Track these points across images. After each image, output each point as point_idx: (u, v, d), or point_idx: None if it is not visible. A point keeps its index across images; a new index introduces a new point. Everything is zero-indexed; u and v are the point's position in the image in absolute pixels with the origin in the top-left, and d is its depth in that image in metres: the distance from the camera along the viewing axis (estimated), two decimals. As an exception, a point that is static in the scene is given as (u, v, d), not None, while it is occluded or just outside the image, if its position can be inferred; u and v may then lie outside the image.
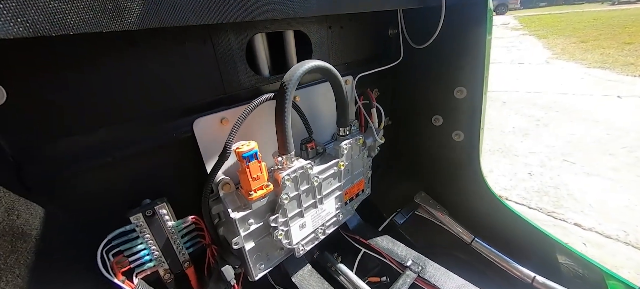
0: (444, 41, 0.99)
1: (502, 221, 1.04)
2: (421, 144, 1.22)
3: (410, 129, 1.24)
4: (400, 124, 1.25)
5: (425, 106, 1.15)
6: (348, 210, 0.99)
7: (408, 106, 1.21)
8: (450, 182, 1.16)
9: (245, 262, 0.74)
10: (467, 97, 1.03)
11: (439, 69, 1.06)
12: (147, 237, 0.63)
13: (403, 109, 1.22)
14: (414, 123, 1.21)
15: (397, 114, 1.24)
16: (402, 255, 0.95)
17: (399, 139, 1.29)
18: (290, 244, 0.81)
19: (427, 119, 1.16)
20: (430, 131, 1.16)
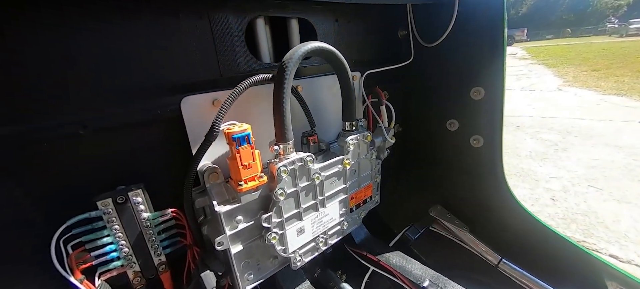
0: (458, 38, 0.93)
1: (536, 239, 0.90)
2: (435, 152, 1.12)
3: (422, 136, 1.14)
4: (412, 131, 1.16)
5: (439, 110, 1.06)
6: (354, 219, 0.87)
7: (420, 110, 1.12)
8: (470, 194, 1.04)
9: (231, 269, 0.63)
10: (485, 98, 0.94)
11: (453, 69, 0.98)
12: (115, 228, 0.53)
13: (415, 114, 1.14)
14: (427, 129, 1.12)
15: (408, 120, 1.16)
16: (417, 274, 0.81)
17: (410, 147, 1.19)
18: (286, 252, 0.69)
19: (441, 124, 1.07)
20: (445, 137, 1.06)
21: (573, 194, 2.63)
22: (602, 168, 3.05)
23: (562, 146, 3.73)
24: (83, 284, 0.51)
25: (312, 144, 0.75)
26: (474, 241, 1.00)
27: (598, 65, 8.03)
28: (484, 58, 0.90)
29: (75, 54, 0.48)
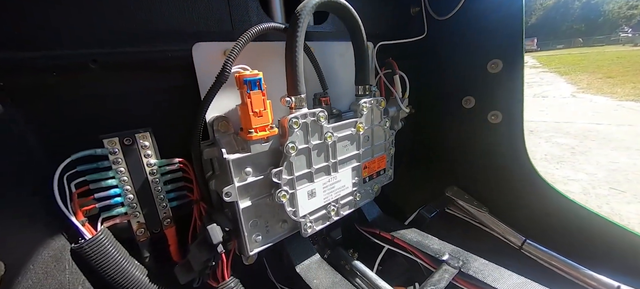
0: (473, 7, 0.90)
1: (564, 217, 0.83)
2: (451, 132, 1.07)
3: (437, 116, 1.10)
4: (426, 112, 1.12)
5: (454, 87, 1.02)
6: (367, 191, 0.83)
7: (434, 89, 1.09)
8: (489, 173, 0.98)
9: (239, 228, 0.60)
10: (503, 70, 0.90)
11: (469, 41, 0.95)
12: (121, 171, 0.51)
13: (428, 93, 1.10)
14: (441, 109, 1.08)
15: (421, 100, 1.12)
16: (436, 248, 0.75)
17: (424, 128, 1.15)
18: (296, 216, 0.65)
19: (456, 102, 1.02)
20: (461, 115, 1.02)
21: (594, 197, 2.51)
22: (623, 171, 2.91)
23: (580, 149, 3.59)
24: (85, 227, 0.49)
25: (324, 105, 0.72)
26: (495, 221, 0.93)
27: (613, 73, 7.84)
28: (501, 27, 0.87)
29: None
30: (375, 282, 0.75)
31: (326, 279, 0.68)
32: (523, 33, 0.84)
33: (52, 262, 0.42)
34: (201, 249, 0.56)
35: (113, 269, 0.49)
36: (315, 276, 0.70)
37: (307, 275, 0.70)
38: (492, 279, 0.63)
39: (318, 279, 0.68)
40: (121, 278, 0.50)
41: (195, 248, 0.56)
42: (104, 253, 0.48)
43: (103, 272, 0.49)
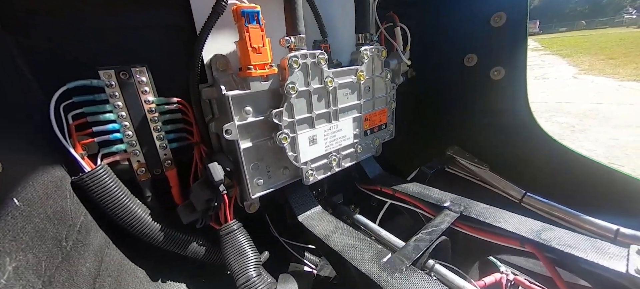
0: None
1: (564, 168, 0.83)
2: (452, 93, 1.06)
3: (438, 78, 1.09)
4: (426, 73, 1.10)
5: (456, 45, 1.00)
6: (368, 145, 0.83)
7: (434, 50, 1.07)
8: (491, 131, 0.98)
9: (241, 170, 0.59)
10: (507, 23, 0.88)
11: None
12: (118, 106, 0.50)
13: (429, 55, 1.08)
14: (442, 70, 1.06)
15: (422, 62, 1.10)
16: (437, 197, 0.75)
17: (425, 91, 1.13)
18: (297, 161, 0.65)
19: (458, 61, 1.01)
20: (462, 74, 1.01)
21: (593, 170, 2.51)
22: (622, 147, 2.92)
23: (580, 127, 3.59)
24: (84, 160, 0.48)
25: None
26: (495, 177, 0.94)
27: (615, 54, 7.74)
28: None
29: None
30: (378, 232, 0.75)
31: (329, 225, 0.69)
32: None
33: (52, 186, 0.42)
34: (203, 188, 0.56)
35: (115, 204, 0.49)
36: (317, 223, 0.70)
37: (310, 223, 0.70)
38: (493, 220, 0.64)
39: (320, 226, 0.69)
40: (124, 214, 0.50)
41: (196, 186, 0.56)
42: (105, 187, 0.48)
43: (105, 206, 0.49)
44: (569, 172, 0.83)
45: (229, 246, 0.58)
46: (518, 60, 0.88)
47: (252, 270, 0.57)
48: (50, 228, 0.38)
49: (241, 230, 0.61)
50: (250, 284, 0.55)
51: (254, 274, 0.56)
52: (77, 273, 0.40)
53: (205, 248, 0.61)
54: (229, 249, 0.58)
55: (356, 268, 0.55)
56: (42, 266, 0.34)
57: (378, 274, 0.52)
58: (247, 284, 0.55)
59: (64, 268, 0.37)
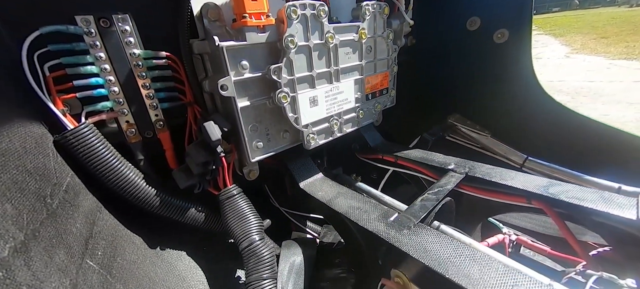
0: None
1: (566, 130, 0.83)
2: (453, 58, 1.03)
3: (439, 45, 1.05)
4: (427, 41, 1.06)
5: (457, 8, 0.96)
6: (369, 110, 0.80)
7: (436, 14, 1.02)
8: (493, 97, 0.96)
9: (238, 132, 0.56)
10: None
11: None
12: (100, 58, 0.46)
13: (430, 20, 1.04)
14: (444, 36, 1.03)
15: (423, 29, 1.06)
16: (441, 161, 0.74)
17: (426, 59, 1.10)
18: (298, 124, 0.62)
19: (461, 25, 0.97)
20: (465, 39, 0.97)
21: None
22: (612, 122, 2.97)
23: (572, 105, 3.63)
24: (66, 117, 0.44)
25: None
26: (497, 144, 0.93)
27: (607, 33, 7.78)
28: None
29: None
30: (381, 198, 0.74)
31: (331, 190, 0.67)
32: None
33: (31, 142, 0.38)
34: (199, 149, 0.52)
35: (103, 165, 0.45)
36: (320, 189, 0.68)
37: (312, 190, 0.68)
38: (500, 178, 0.62)
39: (323, 191, 0.67)
40: (114, 177, 0.47)
41: (192, 148, 0.52)
42: (91, 147, 0.44)
43: (93, 168, 0.45)
44: (572, 135, 0.82)
45: (230, 211, 0.56)
46: (523, 21, 0.85)
47: (255, 234, 0.54)
48: (31, 182, 0.34)
49: (241, 195, 0.58)
50: (254, 248, 0.53)
51: (257, 238, 0.54)
52: (66, 231, 0.36)
53: (204, 214, 0.58)
54: (230, 214, 0.56)
55: (363, 227, 0.53)
56: (24, 219, 0.30)
57: (386, 232, 0.51)
58: (250, 247, 0.53)
59: (50, 225, 0.34)
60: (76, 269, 0.34)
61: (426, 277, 0.45)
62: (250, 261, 0.52)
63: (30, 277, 0.27)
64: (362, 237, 0.57)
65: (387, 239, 0.49)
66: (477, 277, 0.39)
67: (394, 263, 0.49)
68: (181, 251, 0.59)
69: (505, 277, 0.39)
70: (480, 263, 0.42)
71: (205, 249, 0.64)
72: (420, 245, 0.46)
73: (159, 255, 0.54)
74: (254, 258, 0.52)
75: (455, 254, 0.44)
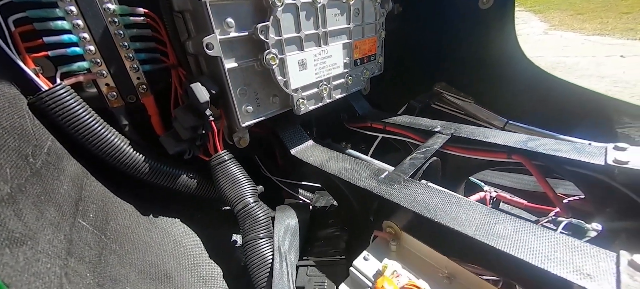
0: None
1: (544, 93, 0.87)
2: (438, 26, 1.03)
3: (426, 12, 1.05)
4: (413, 8, 1.06)
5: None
6: (358, 77, 0.80)
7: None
8: (477, 62, 0.98)
9: (227, 94, 0.54)
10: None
11: None
12: (71, 12, 0.42)
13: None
14: (430, 2, 1.02)
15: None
16: (427, 124, 0.76)
17: (412, 28, 1.09)
18: (287, 87, 0.61)
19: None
20: (450, 7, 0.98)
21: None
22: (585, 94, 3.13)
23: (549, 78, 3.77)
24: (40, 78, 0.41)
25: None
26: (479, 109, 0.96)
27: (583, 9, 8.01)
28: None
29: None
30: (371, 161, 0.75)
31: (323, 155, 0.68)
32: None
33: (4, 102, 0.35)
34: (186, 113, 0.51)
35: (84, 129, 0.43)
36: (311, 155, 0.69)
37: (303, 155, 0.69)
38: (483, 137, 0.65)
39: (315, 156, 0.67)
40: (97, 142, 0.45)
41: (180, 111, 0.51)
42: (69, 109, 0.42)
43: (74, 132, 0.43)
44: (550, 97, 0.86)
45: (222, 176, 0.56)
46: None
47: (249, 197, 0.55)
48: (9, 139, 0.32)
49: (233, 160, 0.58)
50: (249, 209, 0.53)
51: (251, 200, 0.55)
52: (53, 191, 0.35)
53: (196, 181, 0.58)
54: (222, 179, 0.55)
55: (355, 185, 0.55)
56: (7, 173, 0.29)
57: (378, 188, 0.52)
58: (245, 209, 0.53)
59: (35, 182, 0.33)
60: (69, 227, 0.34)
61: (416, 224, 0.48)
62: (245, 223, 0.53)
63: (22, 227, 0.26)
64: (355, 195, 0.59)
65: (379, 193, 0.51)
66: (463, 219, 0.42)
67: (385, 215, 0.51)
68: (175, 219, 0.59)
69: (488, 217, 0.42)
70: (466, 208, 0.44)
71: (199, 216, 0.64)
72: (410, 196, 0.49)
73: (152, 222, 0.54)
74: (249, 219, 0.53)
75: (442, 202, 0.46)
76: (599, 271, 0.33)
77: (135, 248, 0.45)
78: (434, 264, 0.45)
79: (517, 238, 0.38)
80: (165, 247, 0.51)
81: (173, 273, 0.48)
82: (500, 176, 0.90)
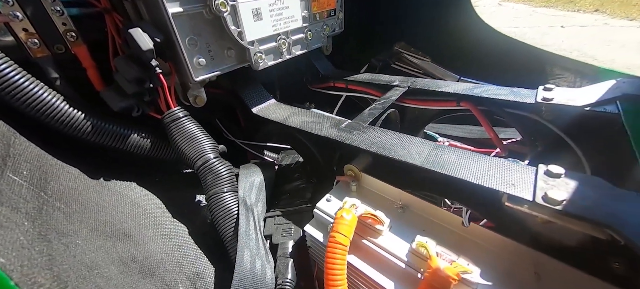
0: None
1: (492, 49, 0.94)
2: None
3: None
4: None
5: None
6: (318, 33, 0.79)
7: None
8: (434, 23, 1.02)
9: (175, 46, 0.50)
10: None
11: None
12: None
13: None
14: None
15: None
16: (386, 79, 0.79)
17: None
18: (242, 38, 0.58)
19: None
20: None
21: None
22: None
23: (501, 47, 4.05)
24: None
25: None
26: (435, 67, 1.01)
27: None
28: None
29: None
30: (333, 117, 0.77)
31: (285, 111, 0.67)
32: None
33: None
34: (128, 62, 0.46)
35: (2, 82, 0.38)
36: (273, 112, 0.68)
37: (266, 113, 0.68)
38: (436, 87, 0.70)
39: (277, 113, 0.67)
40: (17, 93, 0.39)
41: (121, 61, 0.46)
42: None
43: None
44: (498, 54, 0.93)
45: (178, 134, 0.53)
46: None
47: (209, 153, 0.53)
48: None
49: (189, 118, 0.55)
50: (211, 165, 0.52)
51: (212, 156, 0.53)
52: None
53: (150, 141, 0.54)
54: (178, 137, 0.53)
55: (317, 135, 0.56)
56: None
57: (338, 135, 0.54)
58: (206, 165, 0.52)
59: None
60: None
61: (373, 163, 0.51)
62: (207, 178, 0.52)
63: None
64: (317, 146, 0.61)
65: (340, 139, 0.53)
66: (414, 153, 0.46)
67: (346, 160, 0.53)
68: (131, 182, 0.55)
69: (435, 150, 0.46)
70: (417, 145, 0.48)
71: (159, 179, 0.61)
72: (368, 140, 0.51)
73: (104, 185, 0.50)
74: (211, 174, 0.52)
75: (397, 142, 0.49)
76: (521, 181, 0.38)
77: (85, 208, 0.42)
78: (389, 198, 0.49)
79: (459, 163, 0.43)
80: (122, 209, 0.49)
81: (133, 231, 0.46)
82: (453, 128, 0.97)
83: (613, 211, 0.32)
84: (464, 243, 0.41)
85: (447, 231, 0.43)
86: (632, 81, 0.57)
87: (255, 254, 0.48)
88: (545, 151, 0.65)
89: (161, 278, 0.42)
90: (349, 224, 0.40)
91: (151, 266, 0.43)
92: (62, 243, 0.32)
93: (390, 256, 0.40)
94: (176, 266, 0.46)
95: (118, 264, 0.38)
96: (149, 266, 0.42)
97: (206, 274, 0.49)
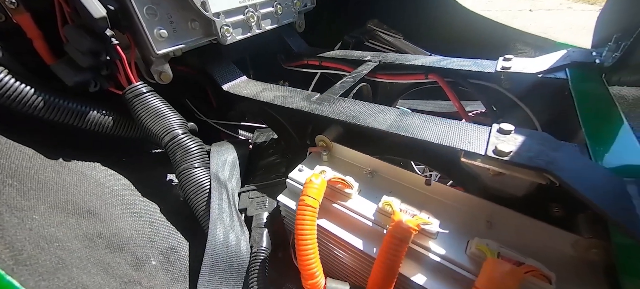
0: None
1: (461, 26, 0.97)
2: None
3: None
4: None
5: None
6: (288, 7, 0.77)
7: None
8: (407, 1, 1.03)
9: (132, 17, 0.48)
10: None
11: None
12: None
13: None
14: None
15: None
16: (358, 55, 0.79)
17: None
18: (206, 9, 0.56)
19: None
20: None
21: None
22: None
23: (474, 30, 4.19)
24: None
25: None
26: (407, 45, 1.03)
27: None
28: None
29: None
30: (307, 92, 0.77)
31: (256, 87, 0.66)
32: None
33: None
34: (80, 32, 0.43)
35: None
36: (245, 88, 0.67)
37: (237, 90, 0.67)
38: (405, 61, 0.72)
39: (248, 90, 0.66)
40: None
41: (71, 30, 0.43)
42: None
43: None
44: (467, 30, 0.97)
45: (142, 110, 0.51)
46: None
47: (177, 128, 0.52)
48: None
49: (153, 93, 0.53)
50: (179, 141, 0.51)
51: (180, 132, 0.52)
52: None
53: (112, 118, 0.52)
54: (143, 113, 0.51)
55: (288, 108, 0.56)
56: None
57: (309, 107, 0.55)
58: (174, 141, 0.51)
59: None
60: None
61: (343, 132, 0.52)
62: (176, 155, 0.51)
63: None
64: (290, 120, 0.61)
65: (311, 111, 0.53)
66: (381, 120, 0.47)
67: (319, 132, 0.54)
68: (94, 162, 0.53)
69: (401, 116, 0.48)
70: (384, 112, 0.50)
71: (125, 160, 0.59)
72: (338, 110, 0.52)
73: (64, 165, 0.48)
74: (180, 150, 0.51)
75: (366, 111, 0.51)
76: (476, 139, 0.41)
77: (42, 186, 0.40)
78: (359, 166, 0.51)
79: (422, 126, 0.45)
80: (85, 188, 0.47)
81: (98, 210, 0.44)
82: (424, 103, 1.01)
83: (552, 159, 0.35)
84: (426, 201, 0.44)
85: (412, 191, 0.46)
86: (580, 51, 0.62)
87: (229, 227, 0.48)
88: (504, 118, 0.70)
89: (131, 252, 0.42)
90: (318, 188, 0.41)
91: (120, 242, 0.42)
92: (15, 216, 0.31)
93: (359, 217, 0.42)
94: (147, 242, 0.45)
95: (82, 239, 0.37)
96: (118, 242, 0.42)
97: (180, 248, 0.49)
